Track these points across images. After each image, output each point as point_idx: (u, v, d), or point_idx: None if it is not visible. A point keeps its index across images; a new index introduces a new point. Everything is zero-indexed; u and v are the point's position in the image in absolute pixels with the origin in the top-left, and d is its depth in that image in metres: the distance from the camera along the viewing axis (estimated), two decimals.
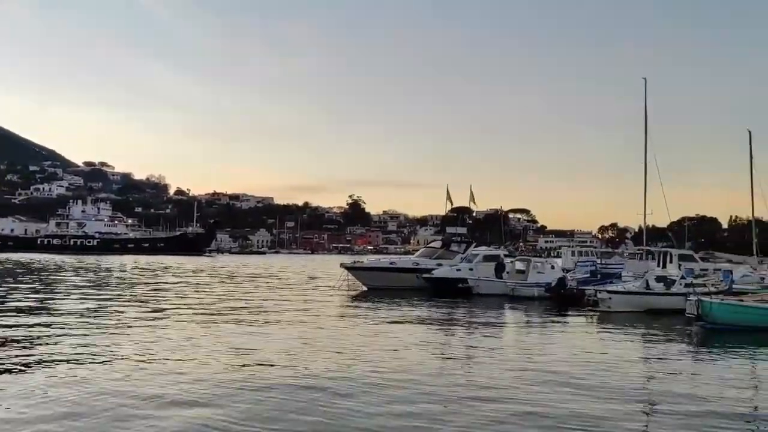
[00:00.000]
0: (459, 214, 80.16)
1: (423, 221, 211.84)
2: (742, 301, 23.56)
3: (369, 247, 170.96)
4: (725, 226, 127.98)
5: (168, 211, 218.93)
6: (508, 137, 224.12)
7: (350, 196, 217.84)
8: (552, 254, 78.43)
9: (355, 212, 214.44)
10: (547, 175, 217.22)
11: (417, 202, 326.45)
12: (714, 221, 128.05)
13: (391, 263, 40.53)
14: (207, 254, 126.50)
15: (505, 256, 42.03)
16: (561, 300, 29.57)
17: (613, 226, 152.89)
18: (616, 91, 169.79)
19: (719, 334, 20.18)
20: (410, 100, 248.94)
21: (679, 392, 11.95)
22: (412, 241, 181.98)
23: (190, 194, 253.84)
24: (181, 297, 30.85)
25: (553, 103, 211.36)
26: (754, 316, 21.23)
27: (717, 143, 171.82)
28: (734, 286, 29.78)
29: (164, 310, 24.38)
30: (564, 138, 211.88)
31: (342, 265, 39.84)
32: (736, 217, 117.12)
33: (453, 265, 37.05)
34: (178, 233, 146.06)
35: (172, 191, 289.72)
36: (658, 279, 28.70)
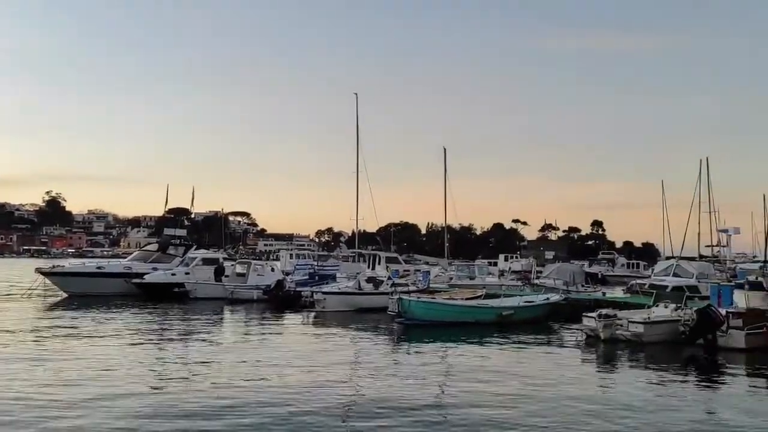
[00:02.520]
0: (177, 216, 76.73)
1: (135, 222, 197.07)
2: (434, 298, 26.72)
3: (70, 250, 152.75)
4: (424, 231, 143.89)
5: None
6: (230, 139, 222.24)
7: (47, 193, 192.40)
8: (272, 257, 79.51)
9: (54, 210, 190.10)
10: (268, 179, 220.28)
11: (129, 201, 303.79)
12: (415, 227, 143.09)
13: (98, 267, 36.87)
14: None
15: (225, 259, 41.38)
16: (279, 302, 30.10)
17: (329, 230, 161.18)
18: (334, 101, 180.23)
19: (416, 328, 22.49)
20: (128, 88, 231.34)
21: (377, 385, 13.01)
22: (122, 243, 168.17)
23: None
24: None
25: (275, 109, 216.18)
26: (444, 312, 24.16)
27: (419, 156, 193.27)
28: (431, 285, 33.62)
29: None
30: (284, 144, 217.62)
31: (38, 270, 35.03)
32: (433, 224, 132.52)
33: (169, 269, 35.28)
34: None
35: None
36: (369, 280, 30.95)
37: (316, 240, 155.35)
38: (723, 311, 19.11)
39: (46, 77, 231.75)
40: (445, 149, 51.66)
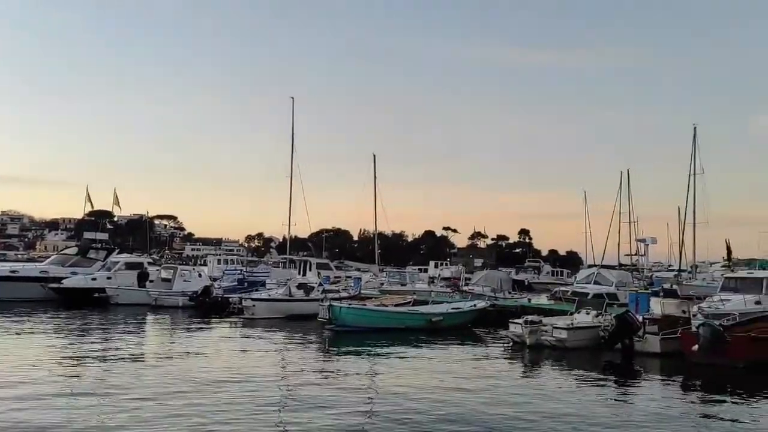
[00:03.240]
0: (98, 218, 73.79)
1: (53, 225, 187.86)
2: (365, 305, 26.75)
3: None
4: (356, 237, 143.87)
5: None
6: (158, 140, 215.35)
7: None
8: (199, 262, 77.59)
9: None
10: (197, 182, 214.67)
11: (46, 202, 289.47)
12: (347, 234, 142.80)
13: (12, 271, 34.90)
14: None
15: (150, 263, 40.06)
16: (206, 308, 29.37)
17: (260, 235, 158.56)
18: (269, 105, 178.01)
19: (347, 335, 22.43)
20: (45, 83, 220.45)
21: (306, 393, 12.90)
22: (38, 246, 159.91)
23: None
24: None
25: (207, 111, 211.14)
26: (374, 318, 24.24)
27: (353, 162, 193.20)
28: (362, 291, 33.65)
29: None
30: (215, 146, 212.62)
31: None
32: (364, 230, 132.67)
33: (90, 273, 33.81)
34: None
35: None
36: (299, 286, 30.65)
37: (246, 245, 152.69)
38: (640, 317, 19.99)
39: None
40: (374, 156, 51.94)
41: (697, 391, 15.03)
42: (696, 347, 17.07)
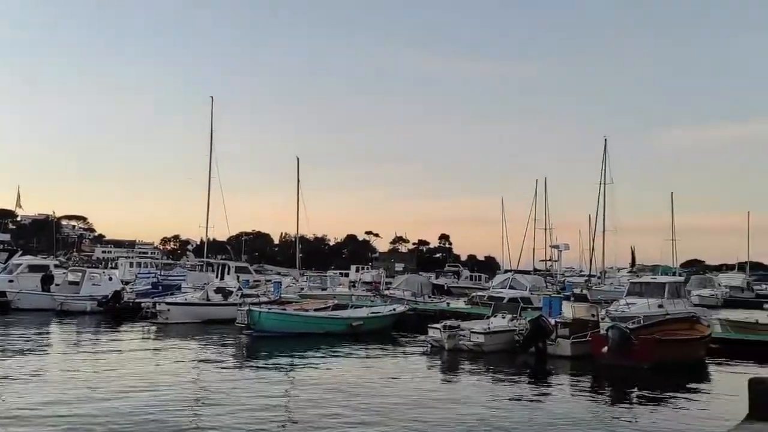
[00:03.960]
0: (0, 219, 69.36)
1: None
2: (285, 309, 26.37)
3: None
4: (276, 241, 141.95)
5: None
6: (65, 140, 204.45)
7: None
8: (110, 265, 74.26)
9: None
10: (107, 182, 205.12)
11: None
12: (267, 237, 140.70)
13: None
14: None
15: (56, 266, 37.94)
16: (116, 314, 28.07)
17: (176, 237, 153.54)
18: (189, 104, 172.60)
19: (266, 340, 22.00)
20: None
21: (217, 399, 12.53)
22: None
23: None
24: None
25: (121, 110, 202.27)
26: (294, 323, 23.91)
27: (275, 165, 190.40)
28: (282, 296, 33.18)
29: None
30: (129, 145, 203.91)
31: None
32: (286, 233, 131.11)
33: None
34: None
35: None
36: (217, 290, 29.87)
37: (161, 248, 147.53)
38: (553, 321, 20.67)
39: None
40: (298, 159, 51.60)
41: (606, 391, 15.67)
42: (605, 349, 17.79)
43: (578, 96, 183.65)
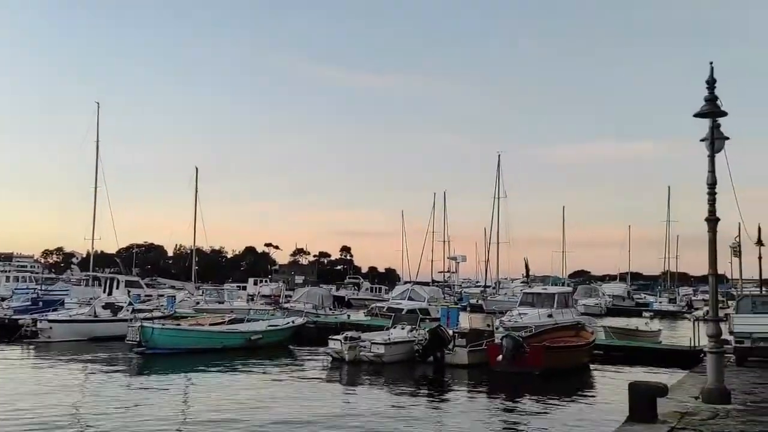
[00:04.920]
0: None
1: None
2: (179, 325, 25.40)
3: None
4: (171, 253, 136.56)
5: None
6: None
7: None
8: None
9: None
10: None
11: None
12: (161, 249, 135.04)
13: None
14: None
15: None
16: None
17: (59, 250, 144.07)
18: (71, 108, 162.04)
19: (160, 357, 21.07)
20: None
21: (103, 424, 11.89)
22: None
23: None
24: None
25: None
26: (190, 339, 23.07)
27: (170, 175, 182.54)
28: (176, 311, 31.96)
29: None
30: (5, 152, 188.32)
31: None
32: (181, 245, 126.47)
33: None
34: None
35: None
36: (106, 306, 28.35)
37: (43, 261, 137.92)
38: (450, 331, 21.22)
39: None
40: (197, 169, 50.31)
41: (500, 398, 16.21)
42: (500, 358, 18.47)
43: (474, 111, 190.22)
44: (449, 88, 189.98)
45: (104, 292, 38.46)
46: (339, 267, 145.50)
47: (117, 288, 39.47)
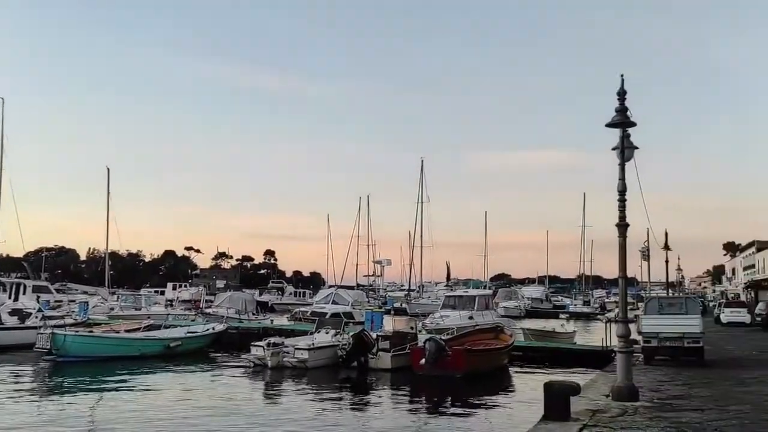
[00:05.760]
0: None
1: None
2: (92, 331, 24.31)
3: None
4: (84, 257, 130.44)
5: None
6: None
7: None
8: None
9: None
10: None
11: None
12: (73, 252, 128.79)
13: None
14: None
15: None
16: None
17: None
18: None
19: (72, 366, 20.08)
20: None
21: None
22: None
23: None
24: None
25: None
26: (105, 346, 22.12)
27: (84, 175, 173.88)
28: (89, 317, 30.59)
29: None
30: None
31: None
32: (95, 249, 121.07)
33: None
34: None
35: None
36: (12, 312, 26.81)
37: None
38: (374, 335, 21.30)
39: None
40: (108, 169, 48.41)
41: (422, 402, 16.43)
42: (423, 361, 18.69)
43: (398, 117, 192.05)
44: (374, 93, 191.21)
45: (9, 298, 36.24)
46: (263, 271, 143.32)
47: (24, 293, 37.22)
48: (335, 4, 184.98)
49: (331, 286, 57.36)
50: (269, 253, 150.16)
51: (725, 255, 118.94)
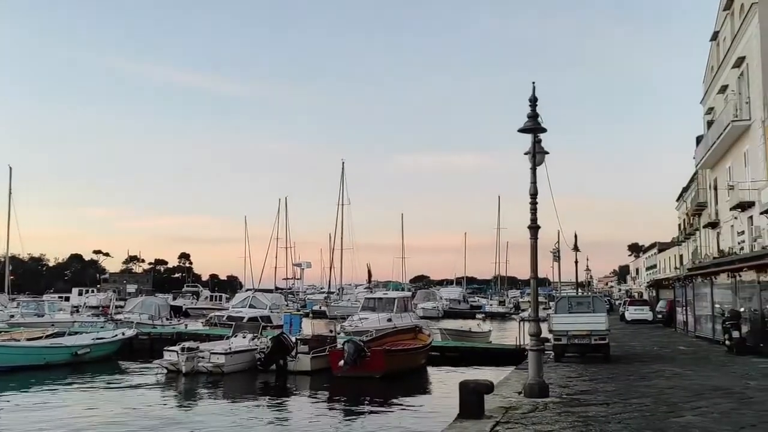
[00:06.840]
0: None
1: None
2: None
3: None
4: None
5: None
6: None
7: None
8: None
9: None
10: None
11: None
12: None
13: None
14: None
15: None
16: None
17: None
18: None
19: None
20: None
21: None
22: None
23: None
24: None
25: None
26: (7, 356, 20.70)
27: None
28: None
29: None
30: None
31: None
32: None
33: None
34: None
35: None
36: None
37: None
38: (293, 338, 21.12)
39: None
40: (10, 168, 45.76)
41: (341, 403, 16.40)
42: (342, 363, 18.67)
43: (319, 119, 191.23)
44: (295, 95, 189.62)
45: None
46: (177, 275, 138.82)
47: None
48: (257, 3, 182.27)
49: (248, 290, 56.28)
50: (184, 256, 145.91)
51: (630, 255, 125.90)
